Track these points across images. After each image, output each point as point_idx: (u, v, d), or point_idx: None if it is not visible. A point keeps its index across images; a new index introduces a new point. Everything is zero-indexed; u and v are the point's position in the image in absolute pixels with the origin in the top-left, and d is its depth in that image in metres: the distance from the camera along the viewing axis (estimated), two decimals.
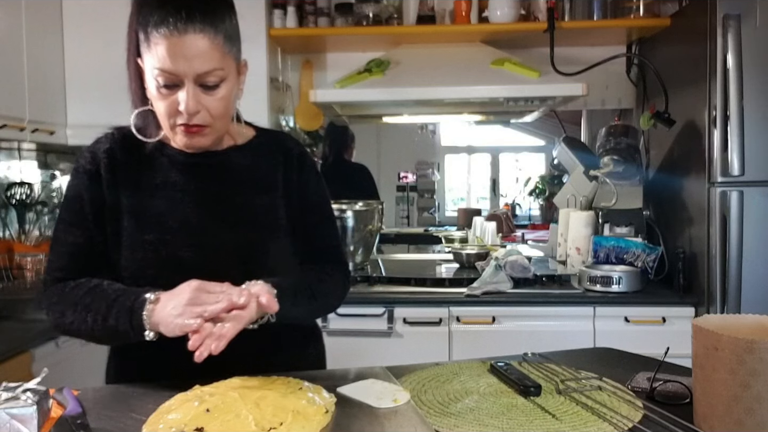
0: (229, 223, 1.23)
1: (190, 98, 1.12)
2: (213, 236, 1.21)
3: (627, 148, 2.71)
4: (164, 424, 0.93)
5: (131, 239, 1.20)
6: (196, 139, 1.18)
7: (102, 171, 1.22)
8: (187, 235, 1.21)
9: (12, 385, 0.98)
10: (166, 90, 1.13)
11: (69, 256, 1.21)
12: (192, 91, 1.12)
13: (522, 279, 2.51)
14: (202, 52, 1.11)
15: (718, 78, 2.23)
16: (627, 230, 2.67)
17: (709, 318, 0.98)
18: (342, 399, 1.05)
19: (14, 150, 2.81)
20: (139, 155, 1.24)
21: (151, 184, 1.23)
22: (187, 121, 1.14)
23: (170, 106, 1.14)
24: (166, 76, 1.11)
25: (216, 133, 1.20)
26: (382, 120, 3.36)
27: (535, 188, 5.46)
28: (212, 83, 1.14)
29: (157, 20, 1.10)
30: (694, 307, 2.38)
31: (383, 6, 2.84)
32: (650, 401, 1.05)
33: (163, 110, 1.15)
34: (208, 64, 1.12)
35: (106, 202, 1.21)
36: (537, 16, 2.83)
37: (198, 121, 1.15)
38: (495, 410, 1.01)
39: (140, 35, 1.14)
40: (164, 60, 1.10)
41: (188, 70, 1.11)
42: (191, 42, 1.10)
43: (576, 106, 3.14)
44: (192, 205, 1.22)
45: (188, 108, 1.12)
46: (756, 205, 2.24)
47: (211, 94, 1.14)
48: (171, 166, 1.24)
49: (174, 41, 1.09)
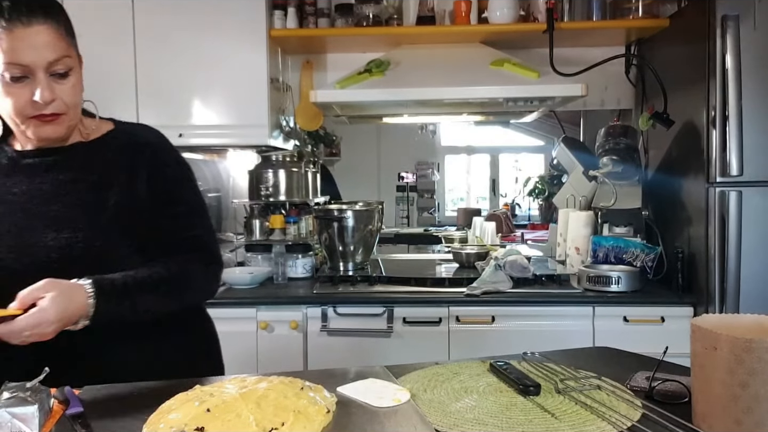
0: (53, 224, 1.21)
1: (44, 87, 1.15)
2: (35, 239, 1.20)
3: (626, 149, 2.71)
4: (165, 424, 0.94)
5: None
6: (51, 127, 1.19)
7: None
8: (11, 238, 1.20)
9: (13, 384, 0.99)
10: (15, 84, 1.14)
11: None
12: (45, 80, 1.15)
13: (521, 279, 2.52)
14: (49, 41, 1.15)
15: (717, 78, 2.24)
16: (626, 230, 2.67)
17: (708, 317, 0.99)
18: (342, 398, 1.05)
19: None
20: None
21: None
22: (41, 110, 1.16)
23: (21, 99, 1.15)
24: (15, 68, 1.13)
25: (69, 121, 1.22)
26: (382, 120, 3.37)
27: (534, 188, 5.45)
28: (62, 71, 1.17)
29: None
30: (693, 306, 2.38)
31: (383, 7, 2.85)
32: (649, 400, 1.05)
33: (12, 105, 1.16)
34: (56, 52, 1.15)
35: None
36: (536, 16, 2.83)
37: (52, 110, 1.17)
38: (494, 409, 1.02)
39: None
40: (12, 53, 1.12)
41: (38, 60, 1.14)
42: (38, 32, 1.13)
43: (575, 107, 3.14)
44: (21, 207, 1.22)
45: (44, 96, 1.15)
46: (755, 205, 2.25)
47: (63, 82, 1.18)
48: (9, 168, 1.24)
49: (20, 33, 1.12)
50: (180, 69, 2.71)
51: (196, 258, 1.30)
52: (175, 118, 2.69)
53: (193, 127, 2.70)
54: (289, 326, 2.41)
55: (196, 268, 1.30)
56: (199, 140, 2.69)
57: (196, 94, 2.73)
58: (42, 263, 1.19)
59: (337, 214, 2.72)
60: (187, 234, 1.32)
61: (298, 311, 2.42)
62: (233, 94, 2.66)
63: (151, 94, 2.74)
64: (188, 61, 2.70)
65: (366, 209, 2.79)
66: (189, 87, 2.72)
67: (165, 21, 2.69)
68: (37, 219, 1.21)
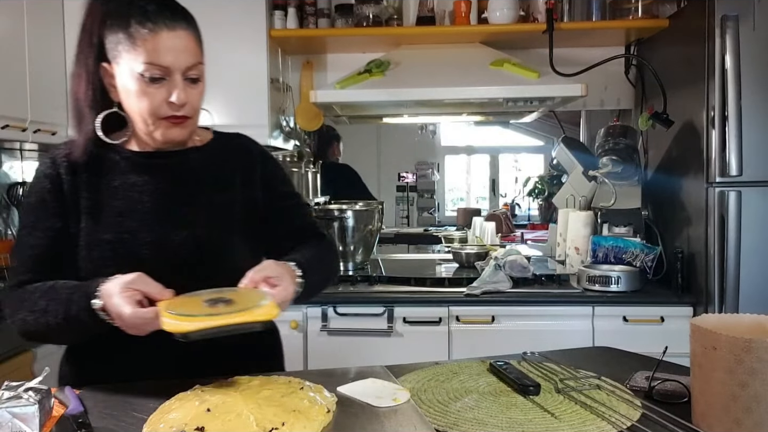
0: (185, 221, 1.25)
1: (181, 89, 1.18)
2: (170, 234, 1.24)
3: (626, 149, 2.71)
4: (165, 424, 0.94)
5: (88, 239, 1.22)
6: (178, 130, 1.23)
7: (63, 173, 1.25)
8: (145, 233, 1.23)
9: (14, 384, 0.99)
10: (152, 85, 1.17)
11: (33, 258, 1.22)
12: (181, 83, 1.18)
13: (521, 279, 2.52)
14: (188, 46, 1.19)
15: (717, 78, 2.24)
16: (626, 230, 2.67)
17: (708, 317, 0.99)
18: (342, 398, 1.05)
19: (16, 150, 2.81)
20: (97, 159, 1.26)
21: (110, 186, 1.25)
22: (175, 111, 1.19)
23: (156, 100, 1.18)
24: (156, 69, 1.16)
25: (192, 126, 1.26)
26: (382, 120, 3.37)
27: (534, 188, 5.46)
28: (195, 76, 1.21)
29: (141, 18, 1.15)
30: (693, 306, 2.39)
31: (383, 7, 2.85)
32: (649, 400, 1.06)
33: (147, 106, 1.18)
34: (193, 58, 1.20)
35: (67, 204, 1.24)
36: (536, 17, 2.83)
37: (183, 113, 1.21)
38: (494, 409, 1.02)
39: (115, 37, 1.17)
40: (155, 53, 1.15)
41: (177, 63, 1.17)
42: (180, 36, 1.18)
43: (575, 107, 3.14)
44: (150, 204, 1.25)
45: (180, 98, 1.18)
46: (754, 205, 2.25)
47: (194, 87, 1.21)
48: (129, 168, 1.26)
49: (165, 36, 1.16)
50: None
51: (323, 241, 1.40)
52: None
53: None
54: (289, 326, 2.41)
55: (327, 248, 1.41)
56: None
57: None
58: (174, 261, 1.22)
59: (337, 214, 2.72)
60: (306, 222, 1.43)
61: (298, 311, 2.42)
62: (233, 95, 2.66)
63: None
64: None
65: (366, 209, 2.79)
66: None
67: None
68: (167, 219, 1.25)
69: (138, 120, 1.22)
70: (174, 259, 1.22)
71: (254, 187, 1.34)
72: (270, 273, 1.12)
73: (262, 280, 1.11)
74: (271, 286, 1.10)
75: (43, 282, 1.19)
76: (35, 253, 1.23)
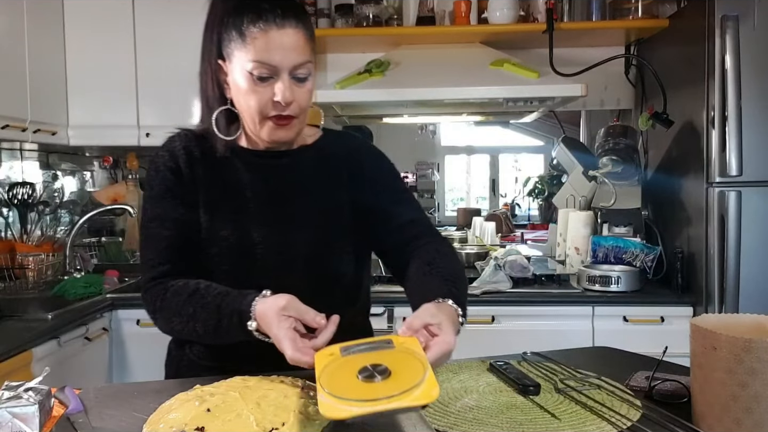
0: (296, 222, 1.26)
1: (286, 88, 1.17)
2: (281, 234, 1.24)
3: (626, 149, 2.71)
4: (165, 424, 0.93)
5: (207, 234, 1.23)
6: (284, 131, 1.22)
7: (182, 166, 1.25)
8: (258, 233, 1.23)
9: (14, 384, 0.99)
10: (260, 83, 1.17)
11: (168, 249, 1.23)
12: (288, 81, 1.17)
13: (521, 279, 2.52)
14: (297, 45, 1.17)
15: (717, 78, 2.24)
16: (626, 230, 2.67)
17: (708, 317, 0.99)
18: None
19: (16, 150, 2.81)
20: (212, 156, 1.27)
21: (224, 183, 1.26)
22: (281, 111, 1.19)
23: (263, 98, 1.18)
24: (263, 67, 1.16)
25: (300, 126, 1.25)
26: (382, 120, 3.37)
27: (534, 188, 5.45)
28: (303, 75, 1.19)
29: (253, 17, 1.15)
30: (693, 306, 2.39)
31: (383, 7, 2.85)
32: (649, 400, 1.06)
33: (254, 103, 1.19)
34: (302, 56, 1.18)
35: (190, 195, 1.25)
36: (536, 17, 2.83)
37: (289, 112, 1.20)
38: (494, 409, 1.02)
39: (229, 35, 1.18)
40: (263, 52, 1.15)
41: (285, 62, 1.16)
42: (289, 35, 1.16)
43: (575, 107, 3.14)
44: (261, 204, 1.25)
45: (285, 97, 1.17)
46: (754, 205, 2.25)
47: (301, 86, 1.20)
48: (242, 167, 1.27)
49: (273, 34, 1.15)
50: (180, 69, 2.71)
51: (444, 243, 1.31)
52: (175, 118, 2.67)
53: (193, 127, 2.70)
54: None
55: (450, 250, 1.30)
56: None
57: (196, 94, 2.73)
58: (285, 262, 1.23)
59: None
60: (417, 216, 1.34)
61: None
62: None
63: (151, 94, 2.75)
64: (188, 61, 2.70)
65: None
66: (189, 87, 2.72)
67: (165, 21, 2.69)
68: (278, 219, 1.25)
69: (247, 118, 1.22)
70: (285, 260, 1.23)
71: (362, 185, 1.32)
72: (429, 320, 1.02)
73: (420, 328, 1.01)
74: (431, 335, 1.02)
75: (185, 282, 1.19)
76: (170, 244, 1.23)
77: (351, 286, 1.33)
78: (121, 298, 2.53)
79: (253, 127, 1.22)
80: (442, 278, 1.17)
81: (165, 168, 1.26)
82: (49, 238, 2.80)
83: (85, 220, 2.91)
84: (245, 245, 1.23)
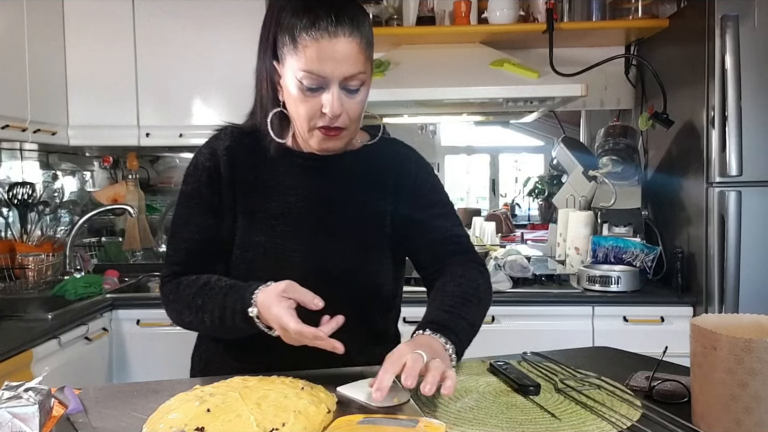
0: (338, 230, 1.24)
1: (335, 100, 1.13)
2: (322, 242, 1.22)
3: (626, 149, 2.71)
4: (165, 424, 0.93)
5: (243, 239, 1.22)
6: (332, 142, 1.19)
7: (222, 168, 1.24)
8: (297, 240, 1.22)
9: (14, 384, 0.99)
10: (309, 92, 1.14)
11: (186, 251, 1.23)
12: (337, 93, 1.13)
13: (521, 279, 2.52)
14: (349, 56, 1.12)
15: (717, 78, 2.24)
16: (626, 230, 2.68)
17: (707, 317, 0.99)
18: (342, 398, 1.05)
19: (16, 150, 2.81)
20: (257, 156, 1.24)
21: (267, 186, 1.24)
22: (329, 123, 1.15)
23: (312, 108, 1.15)
24: (313, 78, 1.12)
25: (350, 136, 1.22)
26: (382, 120, 3.36)
27: (534, 188, 5.45)
28: (355, 87, 1.15)
29: (307, 23, 1.11)
30: (693, 306, 2.39)
31: (383, 7, 2.85)
32: (649, 400, 1.05)
33: (303, 112, 1.16)
34: (354, 67, 1.13)
35: (224, 199, 1.23)
36: (536, 17, 2.84)
37: (338, 124, 1.16)
38: (494, 409, 1.02)
39: (283, 38, 1.14)
40: (313, 62, 1.11)
41: (336, 73, 1.12)
42: (341, 46, 1.11)
43: (575, 107, 3.14)
44: (305, 210, 1.23)
45: (333, 110, 1.13)
46: (754, 205, 2.25)
47: (353, 97, 1.16)
48: (288, 169, 1.25)
49: (324, 44, 1.11)
50: (180, 69, 2.72)
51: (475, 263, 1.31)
52: (175, 118, 2.70)
53: (193, 127, 2.70)
54: None
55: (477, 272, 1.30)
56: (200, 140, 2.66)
57: (196, 94, 2.74)
58: (324, 271, 1.21)
59: None
60: (456, 233, 1.33)
61: None
62: (233, 94, 2.66)
63: (151, 94, 2.75)
64: (188, 61, 2.70)
65: None
66: (189, 87, 2.73)
67: (165, 21, 2.69)
68: (320, 227, 1.23)
69: (297, 125, 1.20)
70: (324, 269, 1.21)
71: (406, 196, 1.29)
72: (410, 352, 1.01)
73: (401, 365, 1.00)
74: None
75: (197, 276, 1.19)
76: (188, 247, 1.23)
77: (389, 296, 1.32)
78: (121, 298, 2.53)
79: (303, 135, 1.20)
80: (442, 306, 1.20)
81: (202, 168, 1.25)
82: (49, 238, 2.80)
83: (85, 220, 2.91)
84: (282, 252, 1.21)
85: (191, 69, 2.69)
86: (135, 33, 2.73)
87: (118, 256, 3.20)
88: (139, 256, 3.19)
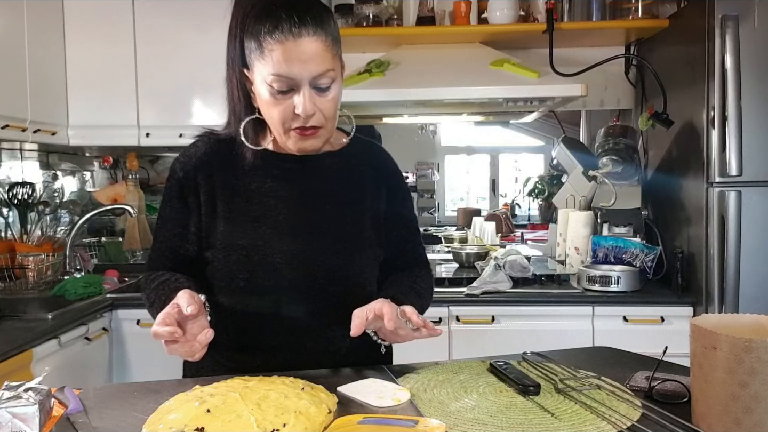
0: (320, 230, 1.24)
1: (306, 101, 1.14)
2: (304, 243, 1.23)
3: (626, 149, 2.71)
4: (164, 424, 0.93)
5: (225, 243, 1.22)
6: (309, 141, 1.20)
7: (198, 177, 1.25)
8: (279, 241, 1.22)
9: (14, 384, 0.99)
10: (281, 95, 1.14)
11: (159, 251, 1.28)
12: (308, 93, 1.14)
13: (521, 279, 2.52)
14: (316, 54, 1.13)
15: (717, 78, 2.24)
16: (626, 230, 2.68)
17: (708, 317, 0.99)
18: (342, 398, 1.05)
19: (16, 150, 2.81)
20: (235, 161, 1.25)
21: (247, 190, 1.24)
22: (303, 123, 1.16)
23: (285, 111, 1.15)
24: (282, 80, 1.13)
25: (327, 134, 1.22)
26: (382, 120, 3.36)
27: (534, 188, 5.45)
28: (325, 85, 1.16)
29: (270, 27, 1.11)
30: (693, 306, 2.39)
31: (383, 7, 2.85)
32: (649, 400, 1.05)
33: (276, 116, 1.16)
34: (321, 66, 1.14)
35: (202, 207, 1.24)
36: (536, 17, 2.84)
37: (313, 123, 1.17)
38: (494, 409, 1.02)
39: (249, 44, 1.15)
40: (280, 65, 1.12)
41: (304, 73, 1.13)
42: (306, 45, 1.12)
43: (575, 107, 3.14)
44: (285, 211, 1.24)
45: (306, 110, 1.14)
46: (754, 205, 2.25)
47: (324, 95, 1.17)
48: (267, 172, 1.25)
49: (289, 46, 1.11)
50: (180, 69, 2.72)
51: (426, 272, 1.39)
52: (175, 118, 2.69)
53: (193, 127, 2.68)
54: None
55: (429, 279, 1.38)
56: None
57: (196, 94, 2.73)
58: (306, 271, 1.22)
59: None
60: (417, 252, 1.39)
61: None
62: None
63: (151, 94, 2.75)
64: (188, 61, 2.70)
65: None
66: (189, 87, 2.73)
67: (165, 21, 2.69)
68: (301, 228, 1.24)
69: (272, 128, 1.21)
70: (307, 269, 1.22)
71: (380, 199, 1.32)
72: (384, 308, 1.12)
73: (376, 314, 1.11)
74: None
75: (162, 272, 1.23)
76: (160, 247, 1.28)
77: (373, 294, 1.31)
78: (121, 298, 2.53)
79: (279, 138, 1.21)
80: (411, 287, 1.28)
81: (175, 179, 1.27)
82: (49, 238, 2.80)
83: (85, 220, 2.91)
84: (264, 255, 1.21)
85: (191, 69, 2.69)
86: (135, 33, 2.73)
87: (118, 256, 3.20)
88: (139, 256, 3.19)
